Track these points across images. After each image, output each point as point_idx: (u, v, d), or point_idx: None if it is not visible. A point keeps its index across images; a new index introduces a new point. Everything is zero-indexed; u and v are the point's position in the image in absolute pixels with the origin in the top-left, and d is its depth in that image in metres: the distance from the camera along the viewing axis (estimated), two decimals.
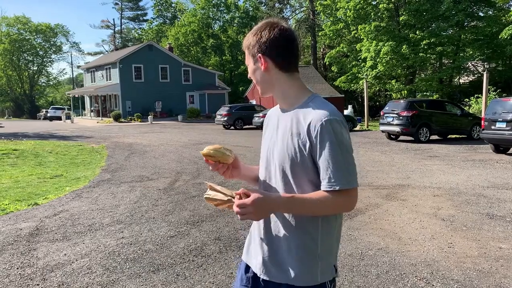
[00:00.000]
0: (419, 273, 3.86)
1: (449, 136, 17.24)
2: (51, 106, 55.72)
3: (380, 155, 12.19)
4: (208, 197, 1.65)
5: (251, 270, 1.70)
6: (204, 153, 1.68)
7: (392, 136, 16.95)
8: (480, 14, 29.58)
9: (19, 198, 7.06)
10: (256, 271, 1.66)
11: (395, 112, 15.94)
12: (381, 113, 17.18)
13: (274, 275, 1.60)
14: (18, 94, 67.72)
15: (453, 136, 17.32)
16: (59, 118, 44.97)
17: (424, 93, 29.57)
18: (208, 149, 1.68)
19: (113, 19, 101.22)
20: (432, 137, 16.28)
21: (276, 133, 1.64)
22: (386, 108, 16.85)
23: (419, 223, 5.40)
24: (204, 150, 1.68)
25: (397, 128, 15.87)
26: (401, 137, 16.81)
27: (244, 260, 1.77)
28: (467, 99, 26.03)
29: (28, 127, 31.18)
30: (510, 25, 23.19)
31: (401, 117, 15.66)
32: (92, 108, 44.19)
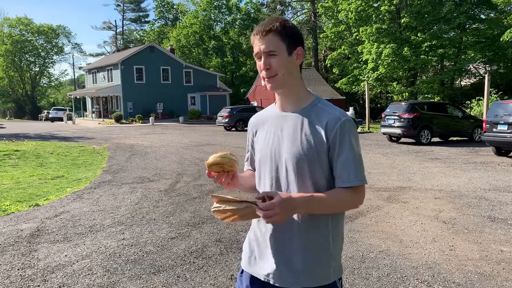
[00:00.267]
0: (420, 276, 3.85)
1: (451, 139, 17.22)
2: (53, 107, 55.74)
3: (381, 157, 12.18)
4: (217, 210, 1.50)
5: (258, 280, 1.64)
6: (211, 162, 1.56)
7: (393, 138, 16.94)
8: (482, 17, 29.55)
9: (20, 199, 7.07)
10: (269, 280, 1.60)
11: (397, 114, 15.93)
12: (382, 115, 17.17)
13: (289, 281, 1.57)
14: (20, 95, 67.82)
15: (455, 139, 17.30)
16: (61, 119, 45.03)
17: (426, 95, 29.54)
18: (215, 157, 1.58)
19: (115, 21, 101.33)
20: (434, 140, 16.26)
21: (281, 134, 1.61)
22: (388, 110, 16.84)
23: (420, 226, 5.38)
24: (210, 160, 1.57)
25: (399, 130, 15.86)
26: (402, 139, 16.80)
27: (248, 271, 1.69)
28: (469, 102, 26.01)
29: (30, 128, 31.22)
30: None
31: (403, 119, 15.65)
32: (94, 109, 44.24)
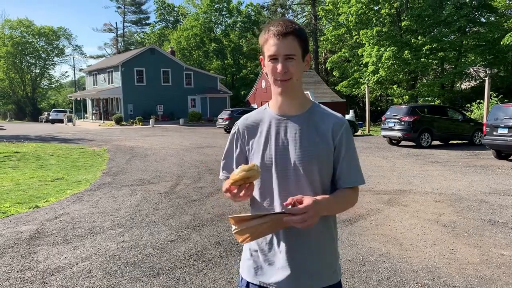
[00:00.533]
0: (421, 280, 3.84)
1: (451, 142, 17.22)
2: (53, 109, 55.72)
3: (382, 160, 12.17)
4: (238, 231, 1.47)
5: None
6: (240, 178, 1.46)
7: (394, 141, 16.93)
8: (482, 20, 29.60)
9: (20, 201, 7.06)
10: (282, 286, 1.59)
11: (397, 117, 15.93)
12: (383, 118, 17.17)
13: (305, 283, 1.59)
14: (20, 97, 67.82)
15: (455, 142, 17.29)
16: (61, 121, 45.03)
17: (426, 99, 29.54)
18: (243, 172, 1.46)
19: (116, 23, 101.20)
20: (434, 143, 16.26)
21: (285, 137, 1.61)
22: (388, 113, 16.84)
23: (421, 229, 5.38)
24: (238, 175, 1.46)
25: (399, 133, 15.86)
26: (403, 142, 16.79)
27: (254, 282, 1.66)
28: (469, 105, 26.03)
29: (30, 130, 31.23)
30: None
31: (403, 122, 15.65)
32: (94, 111, 44.25)
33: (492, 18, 29.40)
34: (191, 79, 42.65)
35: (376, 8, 29.87)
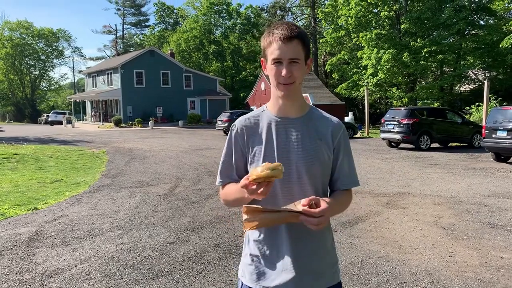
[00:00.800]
0: (420, 282, 3.84)
1: (450, 144, 17.23)
2: (52, 111, 55.66)
3: (381, 163, 12.17)
4: (249, 219, 1.45)
5: None
6: (265, 176, 1.40)
7: (393, 144, 16.94)
8: (481, 23, 29.65)
9: (19, 203, 7.05)
10: None
11: (396, 120, 15.95)
12: (382, 121, 17.18)
13: (310, 284, 1.61)
14: (20, 98, 67.77)
15: (454, 144, 17.31)
16: (60, 123, 45.02)
17: (425, 101, 29.59)
18: (267, 170, 1.40)
19: (115, 25, 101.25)
20: (433, 145, 16.26)
21: (287, 139, 1.61)
22: (387, 116, 16.86)
23: (420, 232, 5.37)
24: (263, 173, 1.40)
25: (398, 136, 15.87)
26: (402, 145, 16.80)
27: (256, 287, 1.64)
28: (468, 107, 26.05)
29: (29, 131, 31.21)
30: (511, 34, 23.25)
31: (402, 125, 15.66)
32: (93, 113, 44.24)
33: (491, 21, 29.46)
34: (191, 81, 42.66)
35: (376, 11, 29.91)
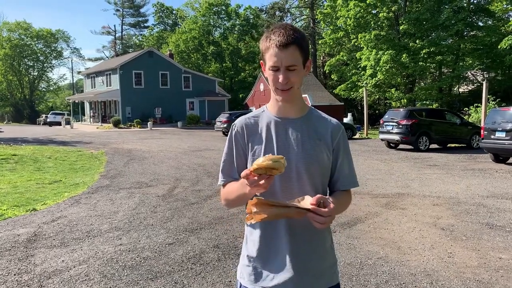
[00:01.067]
0: (419, 283, 3.83)
1: (449, 145, 17.25)
2: (51, 112, 55.66)
3: (380, 164, 12.18)
4: (256, 212, 1.43)
5: None
6: (264, 166, 1.37)
7: (392, 145, 16.95)
8: (480, 24, 29.72)
9: (17, 204, 7.04)
10: None
11: (395, 121, 15.97)
12: (381, 122, 17.20)
13: (309, 284, 1.61)
14: (18, 99, 67.72)
15: (453, 145, 17.32)
16: (59, 124, 44.96)
17: (424, 102, 29.61)
18: (268, 160, 1.38)
19: (114, 25, 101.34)
20: (432, 146, 16.27)
21: (286, 139, 1.62)
22: (386, 117, 16.88)
23: (419, 232, 5.38)
24: (264, 163, 1.37)
25: (397, 137, 15.89)
26: (401, 146, 16.81)
27: None
28: (467, 108, 26.10)
29: (28, 132, 31.17)
30: (510, 35, 23.31)
31: (401, 126, 15.68)
32: (92, 114, 44.21)
33: (490, 22, 29.53)
34: (190, 82, 42.67)
35: (374, 12, 29.96)
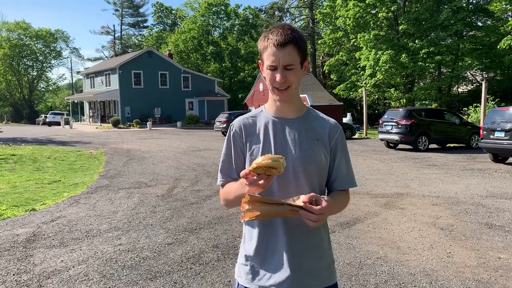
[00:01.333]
0: (418, 283, 3.84)
1: (448, 145, 17.26)
2: (50, 111, 55.64)
3: (379, 164, 12.19)
4: (249, 209, 1.43)
5: None
6: (264, 165, 1.37)
7: (391, 145, 16.96)
8: (479, 24, 29.76)
9: (17, 204, 7.03)
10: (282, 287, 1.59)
11: (394, 121, 15.98)
12: (380, 122, 17.21)
13: (306, 284, 1.61)
14: (17, 99, 67.70)
15: (452, 145, 17.33)
16: (58, 124, 44.91)
17: (423, 102, 29.65)
18: (267, 159, 1.38)
19: (113, 25, 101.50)
20: (431, 146, 16.29)
21: (284, 139, 1.62)
22: (385, 117, 16.89)
23: (418, 232, 5.38)
24: (263, 162, 1.37)
25: (396, 137, 15.90)
26: (400, 146, 16.82)
27: (250, 287, 1.65)
28: (466, 108, 26.11)
29: (27, 132, 31.14)
30: (509, 35, 23.34)
31: (400, 126, 15.68)
32: (91, 114, 44.20)
33: (489, 22, 29.58)
34: (189, 82, 42.67)
35: (374, 12, 29.97)
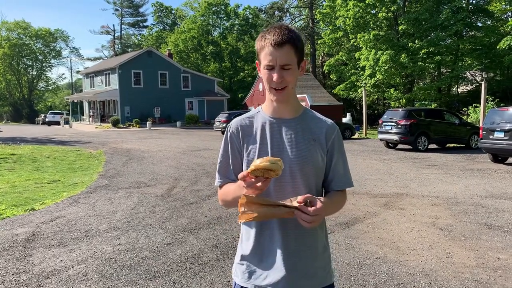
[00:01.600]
0: (417, 283, 3.84)
1: (448, 145, 17.26)
2: (50, 111, 55.57)
3: (379, 164, 12.19)
4: (245, 211, 1.43)
5: None
6: (262, 167, 1.37)
7: (391, 145, 16.97)
8: (479, 24, 29.77)
9: (16, 203, 7.03)
10: (278, 287, 1.59)
11: (394, 121, 15.98)
12: (380, 122, 17.21)
13: (301, 284, 1.61)
14: (17, 99, 67.66)
15: (451, 145, 17.34)
16: (58, 123, 44.87)
17: (423, 102, 29.63)
18: (265, 162, 1.38)
19: (113, 25, 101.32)
20: (431, 146, 16.29)
21: (281, 139, 1.62)
22: (385, 117, 16.89)
23: (417, 232, 5.38)
24: (261, 164, 1.38)
25: (396, 137, 15.90)
26: (400, 146, 16.83)
27: (247, 286, 1.66)
28: (465, 109, 26.12)
29: (27, 132, 31.12)
30: (508, 36, 23.34)
31: (400, 126, 15.69)
32: (91, 113, 44.18)
33: (489, 23, 29.58)
34: (189, 82, 42.67)
35: (373, 12, 29.97)
